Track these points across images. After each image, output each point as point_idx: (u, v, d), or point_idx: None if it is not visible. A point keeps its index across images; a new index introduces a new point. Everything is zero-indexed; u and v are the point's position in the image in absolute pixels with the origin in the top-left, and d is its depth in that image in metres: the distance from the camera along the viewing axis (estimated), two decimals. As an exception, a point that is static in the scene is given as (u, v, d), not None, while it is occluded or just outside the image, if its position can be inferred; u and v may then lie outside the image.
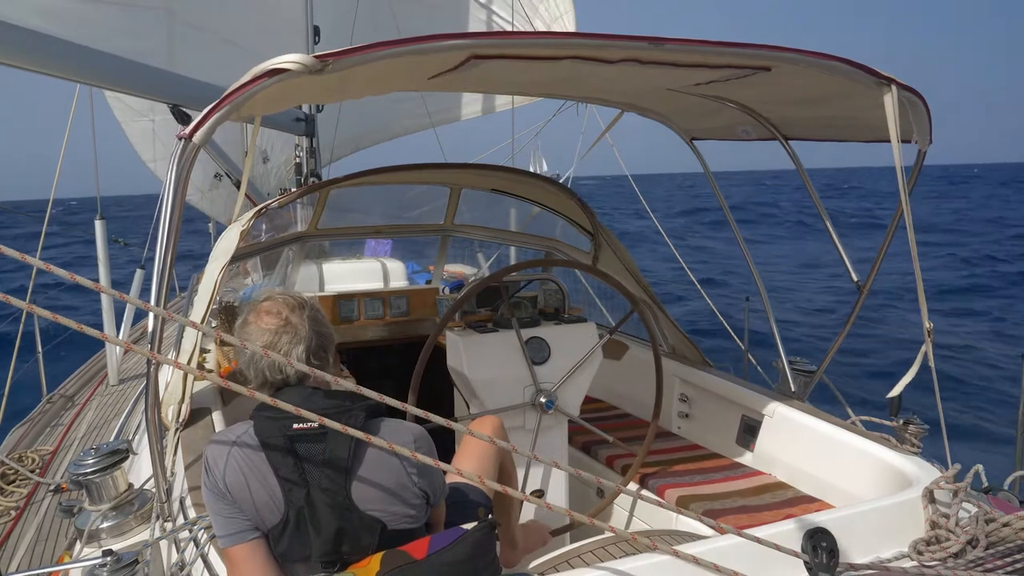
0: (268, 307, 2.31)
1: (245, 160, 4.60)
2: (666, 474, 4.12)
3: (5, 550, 4.20)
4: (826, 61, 2.94)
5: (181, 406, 3.35)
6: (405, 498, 2.27)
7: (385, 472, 2.24)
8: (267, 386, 2.28)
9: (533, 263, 5.28)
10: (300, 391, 2.22)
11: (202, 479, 2.23)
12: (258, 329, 2.27)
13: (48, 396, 7.50)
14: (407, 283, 7.29)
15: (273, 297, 2.36)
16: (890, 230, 3.77)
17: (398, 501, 2.26)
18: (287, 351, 2.24)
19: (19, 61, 4.39)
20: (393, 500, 2.25)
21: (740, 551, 2.26)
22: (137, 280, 8.01)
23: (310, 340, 2.30)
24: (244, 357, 2.27)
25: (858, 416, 3.87)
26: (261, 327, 2.27)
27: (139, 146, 11.34)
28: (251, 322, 2.30)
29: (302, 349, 2.27)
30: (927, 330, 3.32)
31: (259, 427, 2.20)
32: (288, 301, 2.34)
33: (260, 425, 2.20)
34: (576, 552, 2.58)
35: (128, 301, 1.95)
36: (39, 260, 1.68)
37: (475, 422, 3.46)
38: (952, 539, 2.56)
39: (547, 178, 5.15)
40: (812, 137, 4.10)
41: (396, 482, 2.25)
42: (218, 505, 2.22)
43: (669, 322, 4.98)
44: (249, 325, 2.30)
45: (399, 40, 2.44)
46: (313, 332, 2.32)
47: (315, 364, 2.28)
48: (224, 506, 2.20)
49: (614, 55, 2.77)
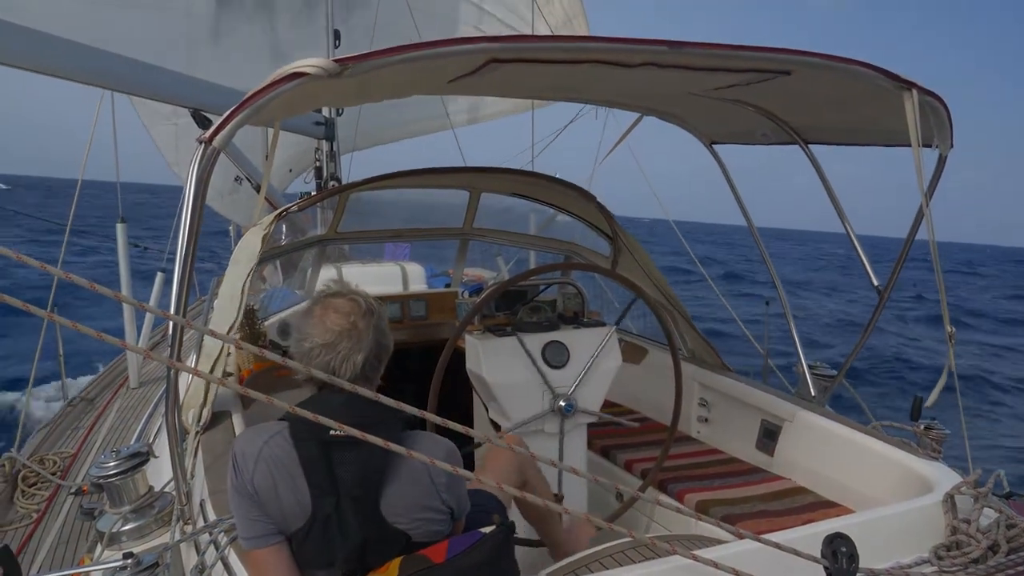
0: (338, 305, 2.26)
1: (265, 164, 4.62)
2: (685, 479, 4.11)
3: (27, 552, 4.22)
4: (846, 65, 2.93)
5: (202, 410, 3.37)
6: (432, 512, 2.25)
7: (415, 486, 2.21)
8: (311, 383, 2.23)
9: (552, 267, 5.28)
10: (340, 396, 2.11)
11: (228, 477, 2.19)
12: (321, 326, 2.21)
13: (69, 399, 7.54)
14: (426, 287, 7.29)
15: (344, 295, 2.30)
16: (910, 235, 3.75)
17: (425, 515, 2.24)
18: (345, 356, 2.19)
19: (42, 67, 4.43)
20: (420, 513, 2.23)
21: (759, 556, 2.25)
22: (158, 284, 8.04)
23: (370, 350, 2.24)
24: (301, 348, 2.21)
25: (879, 421, 3.85)
26: (326, 325, 2.21)
27: (164, 148, 11.42)
28: (316, 315, 2.24)
29: (360, 359, 2.21)
30: (949, 335, 3.30)
31: (295, 429, 2.16)
32: (359, 304, 2.28)
33: (296, 428, 2.15)
34: (595, 556, 2.57)
35: (147, 309, 1.95)
36: (59, 270, 1.68)
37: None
38: (973, 545, 2.54)
39: (566, 182, 5.15)
40: (832, 141, 4.08)
41: (425, 496, 2.23)
42: (244, 506, 2.17)
43: (689, 326, 4.96)
44: (313, 317, 2.24)
45: (418, 44, 2.44)
46: (375, 341, 2.26)
47: (368, 375, 2.24)
48: (250, 507, 2.17)
49: (633, 59, 2.77)
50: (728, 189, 4.57)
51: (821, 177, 4.04)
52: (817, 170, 4.06)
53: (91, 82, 5.08)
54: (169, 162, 11.46)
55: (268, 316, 5.82)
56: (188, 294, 2.65)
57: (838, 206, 4.01)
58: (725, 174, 4.56)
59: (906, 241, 3.79)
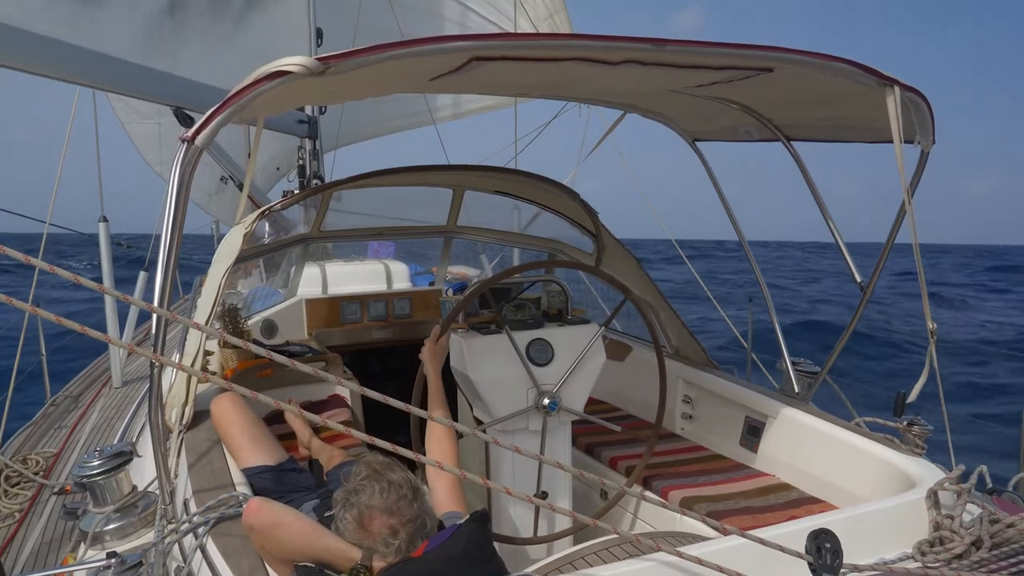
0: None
1: (248, 162, 4.60)
2: (670, 475, 4.12)
3: (9, 552, 4.21)
4: (828, 62, 2.94)
5: (184, 408, 3.36)
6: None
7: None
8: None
9: (536, 264, 5.28)
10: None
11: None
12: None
13: (52, 398, 7.51)
14: (410, 285, 7.29)
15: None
16: (893, 231, 3.76)
17: None
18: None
19: (22, 64, 4.40)
20: None
21: (744, 552, 2.26)
22: (140, 283, 8.03)
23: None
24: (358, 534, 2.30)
25: (862, 417, 3.87)
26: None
27: (144, 148, 11.37)
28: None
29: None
30: (930, 331, 3.32)
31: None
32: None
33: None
34: (580, 554, 2.58)
35: (131, 302, 1.94)
36: (42, 261, 1.68)
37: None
38: (956, 540, 2.55)
39: (550, 180, 5.15)
40: (815, 138, 4.09)
41: None
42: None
43: (676, 322, 4.97)
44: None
45: (401, 42, 2.44)
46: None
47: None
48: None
49: (615, 56, 2.77)
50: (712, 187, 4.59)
51: (804, 174, 4.05)
52: (800, 167, 4.06)
53: (73, 80, 5.06)
54: (151, 161, 11.42)
55: (252, 315, 5.81)
56: (171, 291, 2.65)
57: (821, 203, 4.02)
58: (708, 171, 4.57)
59: (888, 238, 3.81)
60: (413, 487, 2.38)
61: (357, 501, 2.32)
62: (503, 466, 3.85)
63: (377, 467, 2.40)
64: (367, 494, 2.31)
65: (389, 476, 2.36)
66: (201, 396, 3.68)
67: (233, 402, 3.65)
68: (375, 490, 2.32)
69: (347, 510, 2.34)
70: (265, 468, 3.47)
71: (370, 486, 2.33)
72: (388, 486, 2.33)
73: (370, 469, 2.39)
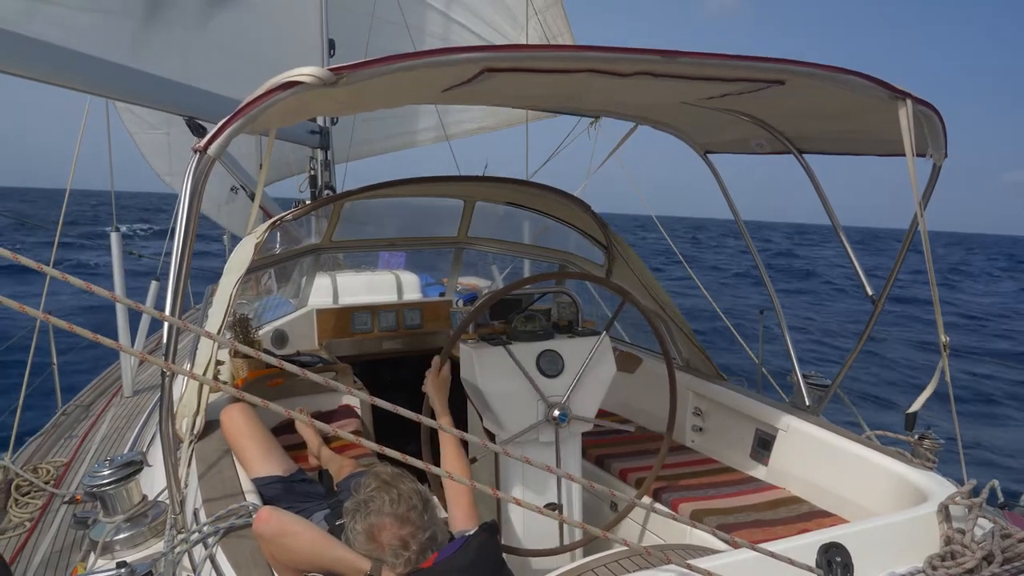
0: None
1: (260, 172, 4.62)
2: (680, 488, 4.10)
3: (20, 561, 4.21)
4: (840, 75, 2.93)
5: (195, 418, 3.36)
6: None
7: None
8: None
9: (546, 276, 5.28)
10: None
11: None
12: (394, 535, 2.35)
13: (63, 407, 7.52)
14: (421, 296, 7.30)
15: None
16: (904, 244, 3.75)
17: None
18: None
19: (35, 73, 4.42)
20: None
21: (754, 566, 2.25)
22: (152, 292, 8.05)
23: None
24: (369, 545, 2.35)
25: (873, 430, 3.85)
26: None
27: (153, 158, 11.40)
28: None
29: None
30: (943, 344, 3.31)
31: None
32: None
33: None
34: (590, 566, 2.57)
35: (142, 310, 1.95)
36: (54, 269, 1.68)
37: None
38: (968, 555, 2.54)
39: (561, 191, 5.15)
40: (827, 151, 4.09)
41: None
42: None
43: (685, 335, 4.96)
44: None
45: (413, 53, 2.45)
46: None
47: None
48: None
49: (627, 68, 2.77)
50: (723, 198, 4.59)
51: (816, 186, 4.04)
52: (812, 179, 4.06)
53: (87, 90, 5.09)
54: (160, 172, 11.44)
55: (262, 325, 5.82)
56: (183, 301, 2.66)
57: (833, 217, 4.01)
58: (720, 183, 4.56)
59: (901, 250, 3.80)
60: (423, 498, 2.39)
61: (367, 512, 2.32)
62: (513, 477, 3.84)
63: (387, 478, 2.41)
64: (377, 505, 2.32)
65: (399, 487, 2.37)
66: (211, 406, 3.68)
67: (243, 412, 3.66)
68: (385, 501, 2.32)
69: (357, 521, 2.34)
70: (276, 478, 3.48)
71: (380, 497, 2.33)
72: (398, 497, 2.33)
73: (380, 480, 2.40)
